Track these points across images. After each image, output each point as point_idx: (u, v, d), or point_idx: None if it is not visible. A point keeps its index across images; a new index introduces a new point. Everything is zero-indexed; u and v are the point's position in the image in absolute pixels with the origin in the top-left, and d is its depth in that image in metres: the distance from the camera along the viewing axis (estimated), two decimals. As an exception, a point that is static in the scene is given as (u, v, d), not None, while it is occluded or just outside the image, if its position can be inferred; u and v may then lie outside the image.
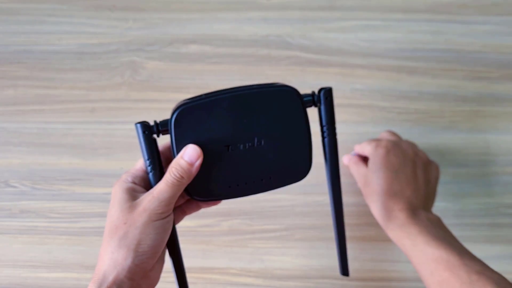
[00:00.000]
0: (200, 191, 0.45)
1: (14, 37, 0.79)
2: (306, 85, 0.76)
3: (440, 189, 0.70)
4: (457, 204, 0.71)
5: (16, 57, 0.78)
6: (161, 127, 0.44)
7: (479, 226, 0.69)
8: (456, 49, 0.78)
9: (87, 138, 0.73)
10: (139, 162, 0.47)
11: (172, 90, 0.76)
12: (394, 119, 0.74)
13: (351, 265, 0.66)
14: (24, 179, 0.72)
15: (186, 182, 0.43)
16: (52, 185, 0.71)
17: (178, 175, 0.43)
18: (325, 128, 0.46)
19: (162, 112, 0.74)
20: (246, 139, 0.43)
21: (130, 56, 0.77)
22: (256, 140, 0.43)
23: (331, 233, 0.68)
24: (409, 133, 0.73)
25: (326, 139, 0.47)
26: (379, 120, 0.74)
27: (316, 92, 0.46)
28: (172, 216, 0.44)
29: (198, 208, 0.50)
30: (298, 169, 0.46)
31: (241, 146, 0.43)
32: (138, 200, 0.43)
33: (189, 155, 0.43)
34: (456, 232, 0.59)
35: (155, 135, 0.44)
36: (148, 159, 0.44)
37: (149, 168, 0.44)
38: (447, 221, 0.62)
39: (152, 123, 0.44)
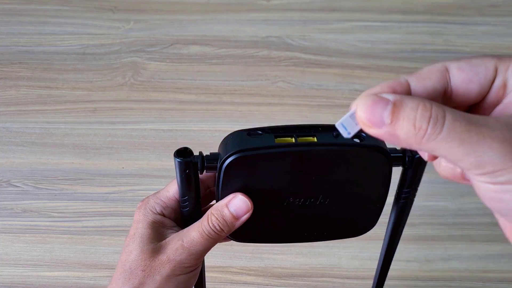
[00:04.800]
0: (240, 234, 0.38)
1: (17, 38, 0.79)
2: (306, 86, 0.76)
3: (439, 188, 0.71)
4: (456, 204, 0.71)
5: (19, 58, 0.78)
6: (208, 162, 0.35)
7: (478, 226, 0.70)
8: (455, 49, 0.79)
9: (89, 138, 0.74)
10: (171, 187, 0.38)
11: (173, 90, 0.76)
12: (393, 119, 0.75)
13: (351, 263, 0.66)
14: (26, 178, 0.72)
15: (226, 235, 0.36)
16: (54, 184, 0.72)
17: (217, 228, 0.35)
18: (406, 191, 0.38)
19: (163, 112, 0.75)
20: (309, 195, 0.36)
21: (132, 57, 0.78)
22: (320, 198, 0.37)
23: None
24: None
25: (401, 202, 0.39)
26: (379, 120, 0.75)
27: (409, 153, 0.37)
28: (200, 269, 0.37)
29: (228, 239, 0.42)
30: (359, 226, 0.39)
31: (301, 201, 0.37)
32: (164, 243, 0.35)
33: (236, 207, 0.35)
34: (455, 232, 0.60)
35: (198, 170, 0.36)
36: (184, 197, 0.37)
37: (183, 205, 0.37)
38: (446, 221, 0.63)
39: (195, 156, 0.35)
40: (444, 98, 0.26)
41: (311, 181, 0.35)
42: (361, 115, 0.24)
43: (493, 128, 0.22)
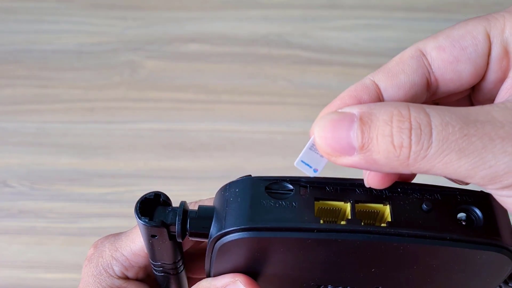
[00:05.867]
0: None
1: (13, 36, 0.79)
2: (307, 84, 0.75)
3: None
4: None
5: (15, 56, 0.78)
6: (192, 227, 0.22)
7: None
8: (458, 48, 0.78)
9: (86, 138, 0.73)
10: (136, 238, 0.26)
11: (172, 89, 0.75)
12: (396, 118, 0.74)
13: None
14: (22, 179, 0.71)
15: None
16: (50, 185, 0.71)
17: None
18: None
19: (161, 111, 0.74)
20: (360, 285, 0.24)
21: (129, 55, 0.77)
22: None
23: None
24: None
25: None
26: (380, 119, 0.74)
27: None
28: None
29: None
30: None
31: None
32: None
33: None
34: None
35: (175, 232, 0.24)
36: (156, 262, 0.26)
37: (156, 269, 0.27)
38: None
39: (172, 210, 0.23)
40: (430, 92, 0.20)
41: (367, 272, 0.22)
42: (321, 144, 0.17)
43: (501, 123, 0.16)
